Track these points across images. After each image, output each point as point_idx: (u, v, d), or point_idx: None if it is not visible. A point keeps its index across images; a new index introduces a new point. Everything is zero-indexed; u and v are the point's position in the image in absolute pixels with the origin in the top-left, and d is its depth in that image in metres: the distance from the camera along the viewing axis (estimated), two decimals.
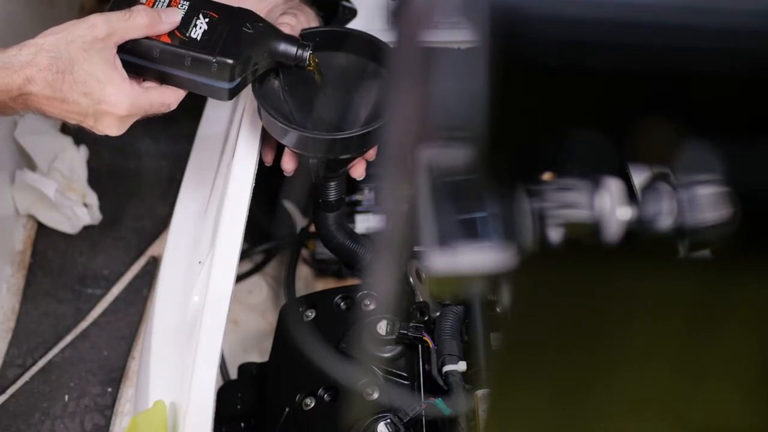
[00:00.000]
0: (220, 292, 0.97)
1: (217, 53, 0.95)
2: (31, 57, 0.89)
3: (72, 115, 0.92)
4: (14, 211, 1.52)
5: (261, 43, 0.97)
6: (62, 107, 0.91)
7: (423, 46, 0.47)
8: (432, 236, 0.53)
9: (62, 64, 0.89)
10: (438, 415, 0.95)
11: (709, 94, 0.48)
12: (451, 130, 0.50)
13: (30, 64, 0.88)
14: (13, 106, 0.91)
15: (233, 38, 0.96)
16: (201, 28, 0.96)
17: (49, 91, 0.89)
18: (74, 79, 0.89)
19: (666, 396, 0.58)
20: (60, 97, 0.90)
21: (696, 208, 0.50)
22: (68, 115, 0.92)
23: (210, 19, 0.97)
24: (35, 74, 0.88)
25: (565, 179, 0.51)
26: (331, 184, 1.09)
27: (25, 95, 0.90)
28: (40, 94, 0.89)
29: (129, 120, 0.95)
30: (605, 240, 0.51)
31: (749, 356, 0.56)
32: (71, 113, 0.92)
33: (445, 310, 1.04)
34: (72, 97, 0.90)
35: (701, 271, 0.53)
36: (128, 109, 0.92)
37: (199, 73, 0.96)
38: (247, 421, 1.14)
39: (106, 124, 0.93)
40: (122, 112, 0.92)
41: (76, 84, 0.89)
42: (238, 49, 0.95)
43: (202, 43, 0.96)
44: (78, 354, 1.40)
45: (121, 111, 0.92)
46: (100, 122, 0.93)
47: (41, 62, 0.88)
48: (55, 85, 0.89)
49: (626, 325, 0.54)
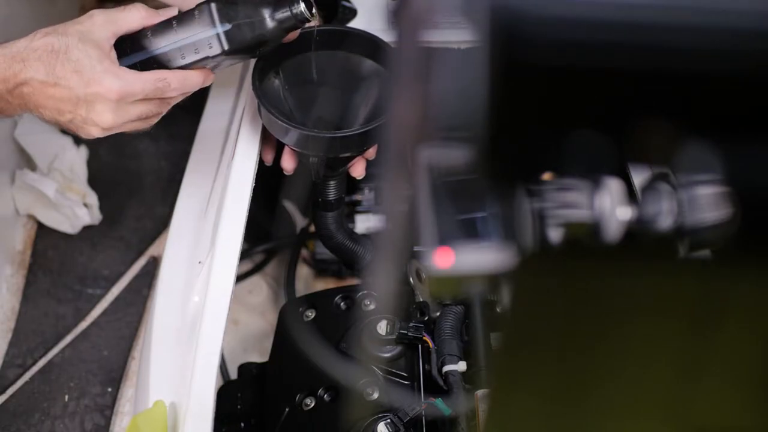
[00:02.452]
0: (220, 292, 0.97)
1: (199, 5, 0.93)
2: (27, 42, 0.90)
3: (63, 102, 0.90)
4: (14, 211, 1.52)
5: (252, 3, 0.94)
6: (54, 93, 0.89)
7: (423, 46, 0.47)
8: (432, 236, 0.53)
9: (57, 44, 0.89)
10: (438, 415, 0.95)
11: (709, 93, 0.48)
12: (451, 130, 0.50)
13: (26, 48, 0.89)
14: (10, 100, 0.91)
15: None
16: None
17: (42, 73, 0.88)
18: (67, 57, 0.89)
19: (666, 396, 0.58)
20: (52, 80, 0.89)
21: (696, 208, 0.50)
22: (61, 105, 0.90)
23: None
24: (29, 55, 0.89)
25: (565, 179, 0.51)
26: (331, 184, 1.09)
27: (21, 85, 0.89)
28: (34, 78, 0.89)
29: (125, 109, 0.91)
30: (605, 240, 0.51)
31: (749, 356, 0.56)
32: (63, 102, 0.89)
33: (445, 310, 1.04)
34: (64, 75, 0.88)
35: (701, 271, 0.53)
36: (120, 92, 0.89)
37: (186, 30, 0.93)
38: (247, 421, 1.14)
39: (98, 111, 0.90)
40: (114, 96, 0.89)
41: (68, 62, 0.89)
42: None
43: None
44: (78, 354, 1.40)
45: (112, 94, 0.89)
46: (92, 110, 0.90)
47: (36, 45, 0.89)
48: (48, 66, 0.88)
49: (626, 325, 0.54)
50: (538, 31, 0.45)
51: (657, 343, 0.55)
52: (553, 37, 0.45)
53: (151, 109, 0.94)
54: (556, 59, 0.46)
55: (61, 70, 0.89)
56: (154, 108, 0.94)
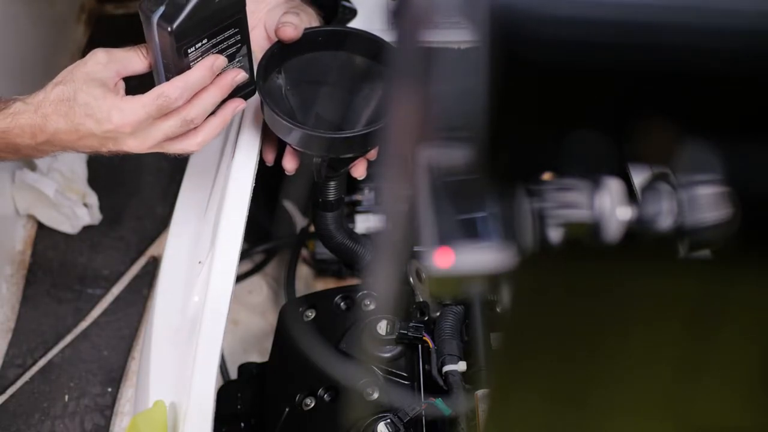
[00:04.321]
0: (220, 292, 0.97)
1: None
2: (44, 95, 0.92)
3: (93, 144, 0.92)
4: (14, 211, 1.53)
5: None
6: (79, 140, 0.92)
7: (423, 46, 0.47)
8: (432, 236, 0.53)
9: (66, 92, 0.91)
10: (438, 415, 0.95)
11: (709, 93, 0.48)
12: (451, 130, 0.50)
13: (44, 100, 0.92)
14: (39, 149, 0.94)
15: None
16: None
17: (63, 124, 0.91)
18: (77, 103, 0.91)
19: (666, 396, 0.58)
20: (73, 127, 0.91)
21: (696, 208, 0.50)
22: (91, 146, 0.93)
23: None
24: (48, 109, 0.91)
25: (565, 179, 0.51)
26: (331, 184, 1.09)
27: (48, 142, 0.92)
28: (58, 131, 0.91)
29: (146, 134, 0.92)
30: (605, 240, 0.51)
31: (749, 356, 0.56)
32: (91, 142, 0.92)
33: (445, 310, 1.04)
34: (80, 122, 0.91)
35: (701, 271, 0.53)
36: (129, 124, 0.90)
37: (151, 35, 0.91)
38: (247, 421, 1.14)
39: (121, 142, 0.92)
40: (127, 129, 0.90)
41: (79, 107, 0.91)
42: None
43: None
44: (78, 354, 1.40)
45: (125, 128, 0.90)
46: (117, 143, 0.92)
47: (52, 97, 0.91)
48: (66, 117, 0.91)
49: (626, 325, 0.54)
50: (538, 30, 0.45)
51: (657, 342, 0.55)
52: (553, 37, 0.45)
53: (175, 126, 0.93)
54: (556, 59, 0.46)
55: (76, 116, 0.91)
56: (177, 124, 0.93)
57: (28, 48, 1.54)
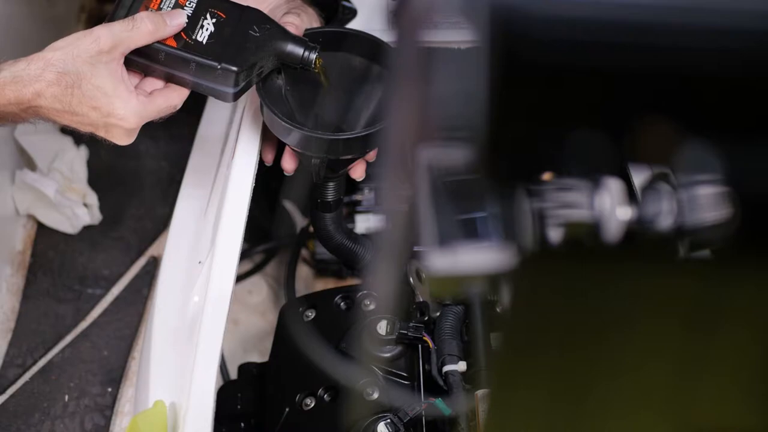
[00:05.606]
0: (220, 292, 0.97)
1: (223, 60, 0.94)
2: (39, 71, 0.91)
3: (83, 126, 0.94)
4: (14, 211, 1.52)
5: (267, 46, 0.97)
6: (72, 119, 0.93)
7: (423, 46, 0.47)
8: (432, 236, 0.53)
9: (70, 79, 0.91)
10: (438, 415, 0.95)
11: (708, 93, 0.48)
12: (451, 130, 0.50)
13: (39, 78, 0.90)
14: (24, 116, 0.94)
15: (239, 42, 0.96)
16: (207, 30, 0.96)
17: (58, 104, 0.91)
18: (82, 93, 0.91)
19: (666, 396, 0.58)
20: (69, 110, 0.92)
21: (696, 208, 0.50)
22: (79, 126, 0.94)
23: (217, 19, 0.97)
24: (44, 89, 0.90)
25: (565, 179, 0.51)
26: (330, 185, 1.09)
27: (35, 107, 0.92)
28: (49, 107, 0.91)
29: (137, 129, 0.96)
30: (605, 240, 0.51)
31: (749, 356, 0.56)
32: (82, 124, 0.94)
33: (445, 310, 1.04)
34: (81, 110, 0.92)
35: (701, 271, 0.53)
36: (137, 122, 0.94)
37: (204, 77, 0.96)
38: (247, 421, 1.14)
39: (116, 135, 0.95)
40: (131, 125, 0.94)
41: (84, 98, 0.91)
42: (244, 56, 0.95)
43: (207, 47, 0.95)
44: (78, 354, 1.40)
45: (130, 124, 0.94)
46: (110, 133, 0.95)
47: (49, 77, 0.90)
48: (64, 100, 0.91)
49: (626, 324, 0.54)
50: (538, 30, 0.45)
51: (657, 342, 0.55)
52: (553, 37, 0.45)
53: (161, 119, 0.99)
54: (556, 59, 0.46)
55: (78, 104, 0.91)
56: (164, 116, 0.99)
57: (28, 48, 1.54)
